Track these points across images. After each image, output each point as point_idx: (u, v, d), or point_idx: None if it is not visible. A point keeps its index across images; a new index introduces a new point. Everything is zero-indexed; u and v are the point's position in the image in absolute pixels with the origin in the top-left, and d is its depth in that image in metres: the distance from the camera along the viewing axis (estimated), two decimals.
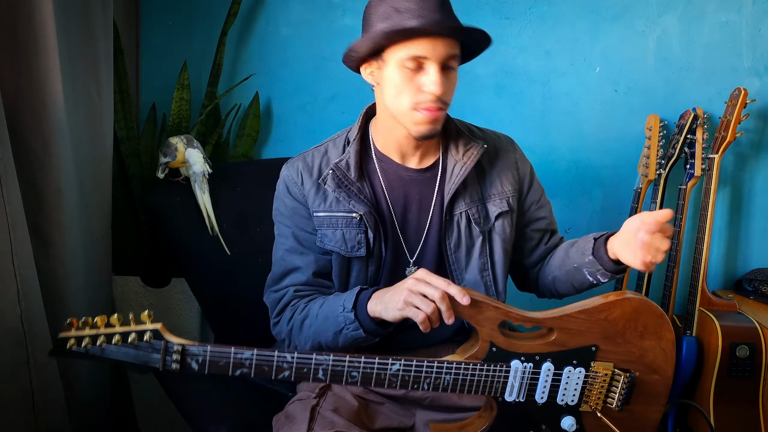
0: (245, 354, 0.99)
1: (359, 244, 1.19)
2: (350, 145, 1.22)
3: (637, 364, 1.09)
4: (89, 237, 1.47)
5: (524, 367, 1.06)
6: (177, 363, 0.98)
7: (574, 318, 1.07)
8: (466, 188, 1.22)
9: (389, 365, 1.01)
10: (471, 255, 1.23)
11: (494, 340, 1.05)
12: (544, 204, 1.34)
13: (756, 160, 2.03)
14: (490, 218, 1.24)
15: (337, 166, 1.19)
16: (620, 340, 1.08)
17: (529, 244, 1.32)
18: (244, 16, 1.96)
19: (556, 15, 1.98)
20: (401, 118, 1.14)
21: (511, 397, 1.06)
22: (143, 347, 0.97)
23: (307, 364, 1.00)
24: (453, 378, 1.03)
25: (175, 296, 1.80)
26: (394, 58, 1.09)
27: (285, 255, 1.23)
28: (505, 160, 1.28)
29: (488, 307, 1.04)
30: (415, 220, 1.23)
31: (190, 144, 1.60)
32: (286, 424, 1.11)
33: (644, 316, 1.08)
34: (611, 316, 1.07)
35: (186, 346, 0.99)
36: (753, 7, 1.95)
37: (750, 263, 2.06)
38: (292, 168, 1.24)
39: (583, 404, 1.09)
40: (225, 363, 0.99)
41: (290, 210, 1.23)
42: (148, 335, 0.98)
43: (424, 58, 1.08)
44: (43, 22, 1.21)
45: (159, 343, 0.98)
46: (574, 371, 1.07)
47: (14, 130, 1.18)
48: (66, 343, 0.96)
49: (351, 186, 1.18)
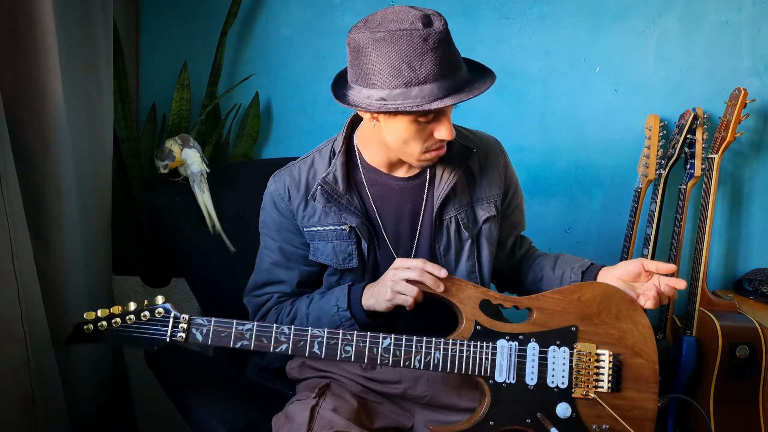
0: (246, 326, 1.07)
1: (350, 255, 1.20)
2: (336, 157, 1.21)
3: (619, 347, 1.12)
4: (89, 237, 1.47)
5: (510, 345, 1.10)
6: (183, 332, 1.07)
7: (549, 298, 1.13)
8: (455, 193, 1.23)
9: (380, 340, 1.08)
10: (460, 258, 1.24)
11: (478, 318, 1.11)
12: (522, 208, 1.37)
13: (756, 159, 2.02)
14: (478, 222, 1.25)
15: (325, 180, 1.19)
16: (597, 321, 1.13)
17: (506, 251, 1.36)
18: (244, 16, 1.96)
19: (556, 15, 1.98)
20: (405, 157, 1.15)
21: (502, 377, 1.10)
22: (153, 323, 1.07)
23: (303, 337, 1.07)
24: (442, 354, 1.08)
25: (175, 296, 1.80)
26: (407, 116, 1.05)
27: (270, 268, 1.25)
28: (493, 163, 1.28)
29: (467, 285, 1.12)
30: (407, 228, 1.23)
31: (186, 144, 1.60)
32: (285, 424, 1.11)
33: (615, 300, 1.14)
34: (583, 296, 1.13)
35: (192, 317, 1.08)
36: (753, 7, 1.95)
37: (750, 263, 2.06)
38: (279, 182, 1.23)
39: (576, 388, 1.10)
40: (227, 334, 1.07)
41: (277, 224, 1.24)
42: (159, 311, 1.08)
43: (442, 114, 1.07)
44: (43, 22, 1.21)
45: (167, 317, 1.07)
46: (558, 351, 1.11)
47: (14, 130, 1.18)
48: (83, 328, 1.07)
49: (340, 199, 1.19)
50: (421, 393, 1.21)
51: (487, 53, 1.98)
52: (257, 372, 1.38)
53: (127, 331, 1.07)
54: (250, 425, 1.21)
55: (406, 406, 1.23)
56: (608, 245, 2.05)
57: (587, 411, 1.11)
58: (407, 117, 1.05)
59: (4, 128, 1.11)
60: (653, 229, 1.91)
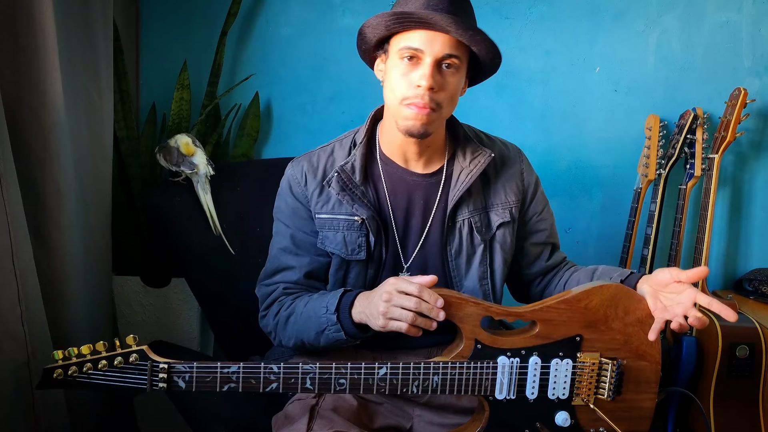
0: (232, 368, 0.99)
1: (360, 247, 1.19)
2: (356, 147, 1.21)
3: (624, 351, 1.09)
4: (89, 237, 1.47)
5: (511, 362, 1.06)
6: (164, 382, 0.98)
7: (554, 308, 1.08)
8: (470, 196, 1.22)
9: (375, 370, 1.02)
10: (471, 263, 1.23)
11: (478, 336, 1.05)
12: (546, 217, 1.32)
13: (756, 160, 2.03)
14: (491, 227, 1.24)
15: (342, 169, 1.18)
16: (603, 327, 1.08)
17: (527, 259, 1.32)
18: (244, 16, 1.96)
19: (556, 15, 1.98)
20: (393, 112, 1.14)
21: (502, 395, 1.07)
22: (129, 370, 0.98)
23: (294, 374, 1.01)
24: (441, 378, 1.04)
25: (175, 296, 1.80)
26: (395, 49, 1.11)
27: (279, 253, 1.24)
28: (511, 169, 1.27)
29: (467, 303, 1.05)
30: (417, 225, 1.22)
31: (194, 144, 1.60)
32: (285, 424, 1.12)
33: (624, 301, 1.09)
34: (591, 303, 1.08)
35: (172, 364, 0.98)
36: (753, 7, 1.95)
37: (750, 263, 2.07)
38: (297, 168, 1.24)
39: (575, 397, 1.09)
40: (212, 379, 0.99)
41: (291, 209, 1.23)
42: (133, 357, 0.98)
43: (420, 51, 1.07)
44: (43, 22, 1.21)
45: (145, 364, 0.98)
46: (561, 363, 1.08)
47: (14, 129, 1.18)
48: (53, 374, 0.96)
49: (355, 189, 1.18)
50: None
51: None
52: None
53: (103, 379, 0.97)
54: (250, 425, 1.21)
55: (405, 406, 1.22)
56: (608, 245, 2.05)
57: (586, 416, 1.10)
58: (394, 53, 1.10)
59: (4, 128, 1.11)
60: (653, 229, 1.91)
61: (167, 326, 1.80)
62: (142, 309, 1.79)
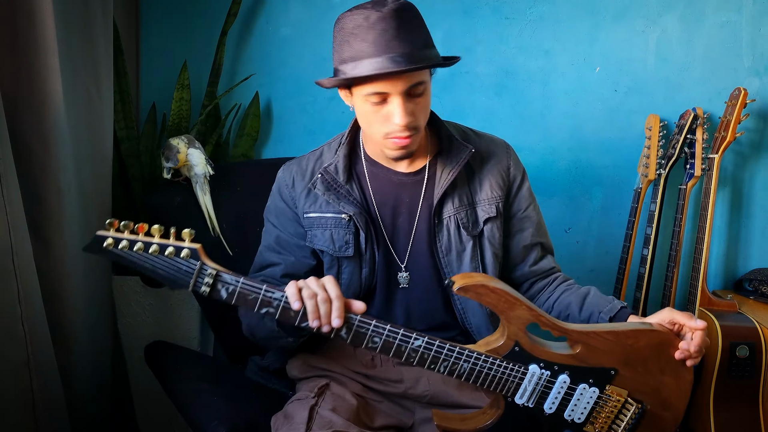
0: (275, 294, 0.99)
1: (347, 243, 1.21)
2: (339, 147, 1.25)
3: (652, 397, 1.08)
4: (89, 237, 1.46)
5: (541, 373, 1.06)
6: (208, 287, 0.97)
7: (601, 337, 1.06)
8: (454, 192, 1.23)
9: (412, 339, 1.02)
10: (462, 259, 1.23)
11: (519, 339, 1.05)
12: (531, 216, 1.30)
13: (756, 160, 2.02)
14: (479, 223, 1.24)
15: (326, 170, 1.22)
16: (641, 369, 1.07)
17: (513, 260, 1.30)
18: (244, 16, 1.96)
19: (556, 15, 1.98)
20: (376, 144, 1.18)
21: (521, 400, 1.07)
22: (179, 263, 0.96)
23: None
24: (470, 367, 1.04)
25: (175, 296, 1.80)
26: (358, 93, 1.10)
27: (263, 250, 1.29)
28: (496, 164, 1.27)
29: (521, 305, 1.04)
30: (405, 224, 1.23)
31: (192, 144, 1.60)
32: (284, 424, 1.11)
33: (670, 351, 1.08)
34: (638, 343, 1.07)
35: (220, 273, 0.97)
36: (753, 7, 1.95)
37: (750, 263, 2.06)
38: (287, 171, 1.28)
39: (589, 425, 1.08)
40: (254, 298, 0.98)
41: (278, 210, 1.27)
42: (185, 252, 0.96)
43: (385, 93, 1.08)
44: (43, 22, 1.21)
45: (195, 263, 0.96)
46: (588, 389, 1.07)
47: (14, 129, 1.18)
48: (104, 241, 0.95)
49: (340, 189, 1.21)
50: (422, 392, 1.21)
51: (487, 53, 1.98)
52: (257, 372, 1.38)
53: (149, 263, 0.96)
54: (250, 425, 1.21)
55: (406, 404, 1.23)
56: (608, 245, 2.05)
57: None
58: (360, 97, 1.10)
59: (4, 128, 1.11)
60: (653, 229, 1.91)
61: (167, 326, 1.80)
62: (142, 309, 1.79)
